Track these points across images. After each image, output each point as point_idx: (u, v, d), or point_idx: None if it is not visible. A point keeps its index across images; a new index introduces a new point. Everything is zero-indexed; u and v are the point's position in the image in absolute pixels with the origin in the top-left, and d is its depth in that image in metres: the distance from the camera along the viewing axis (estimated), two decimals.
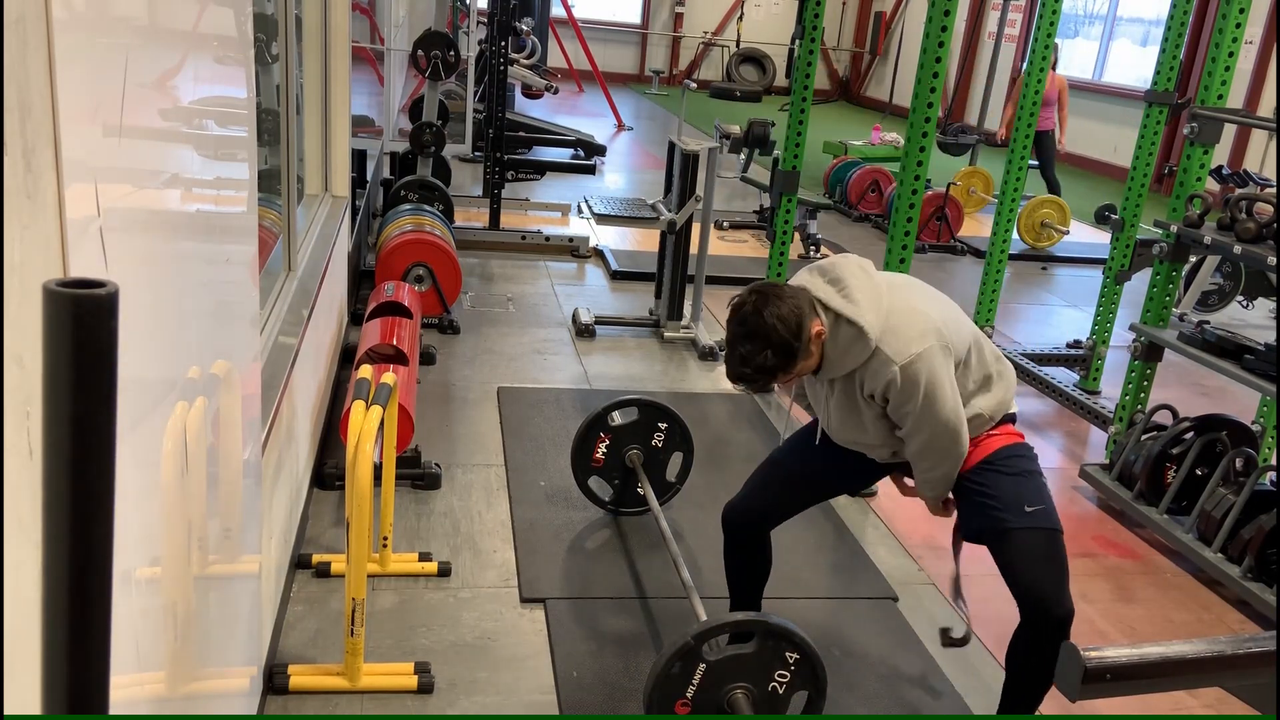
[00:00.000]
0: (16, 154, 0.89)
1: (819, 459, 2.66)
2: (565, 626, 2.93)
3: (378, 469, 2.92)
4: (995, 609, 3.29)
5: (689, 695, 2.31)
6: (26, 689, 0.79)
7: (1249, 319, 6.83)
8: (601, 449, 3.45)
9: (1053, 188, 9.09)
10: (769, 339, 2.23)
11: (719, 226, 7.69)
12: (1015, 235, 8.17)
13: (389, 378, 2.75)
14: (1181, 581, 3.59)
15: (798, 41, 4.57)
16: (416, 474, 3.62)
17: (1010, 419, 2.53)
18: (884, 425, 2.44)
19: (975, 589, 3.39)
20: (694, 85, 6.66)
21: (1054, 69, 8.75)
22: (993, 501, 2.41)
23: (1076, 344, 5.49)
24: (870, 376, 2.32)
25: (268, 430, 2.33)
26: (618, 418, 3.46)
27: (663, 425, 3.46)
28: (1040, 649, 2.36)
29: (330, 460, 3.60)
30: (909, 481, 2.68)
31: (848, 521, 3.71)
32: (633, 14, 18.52)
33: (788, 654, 2.34)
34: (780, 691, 2.36)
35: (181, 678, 1.53)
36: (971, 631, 2.80)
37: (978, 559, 3.61)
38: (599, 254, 6.95)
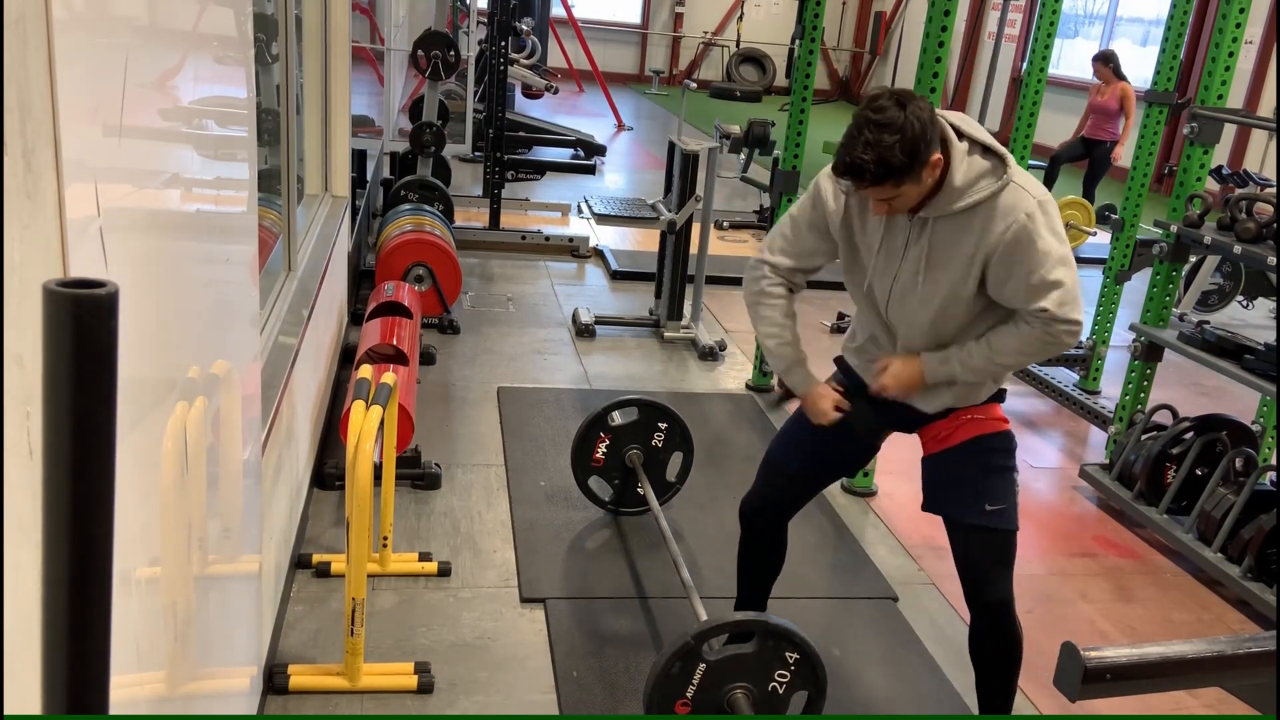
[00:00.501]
0: (16, 154, 0.89)
1: (819, 441, 2.56)
2: (565, 626, 2.93)
3: (378, 469, 2.92)
4: None
5: (689, 695, 2.31)
6: (26, 689, 0.79)
7: (1249, 319, 6.83)
8: (601, 449, 3.45)
9: (1088, 196, 8.91)
10: (905, 133, 1.99)
11: (719, 226, 7.69)
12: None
13: (389, 378, 2.75)
14: (1181, 581, 3.59)
15: (798, 41, 4.57)
16: (416, 474, 3.62)
17: (1001, 395, 2.44)
18: (965, 304, 2.20)
19: None
20: (694, 85, 6.66)
21: (1115, 76, 8.60)
22: (957, 491, 2.37)
23: (1076, 344, 5.49)
24: (1000, 215, 2.07)
25: (268, 430, 2.33)
26: (618, 418, 3.46)
27: (663, 425, 3.46)
28: (988, 636, 2.41)
29: (330, 460, 3.60)
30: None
31: (848, 521, 3.71)
32: (633, 14, 18.52)
33: (788, 654, 2.34)
34: (780, 691, 2.36)
35: (181, 678, 1.53)
36: None
37: None
38: (599, 254, 6.95)
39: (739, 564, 2.74)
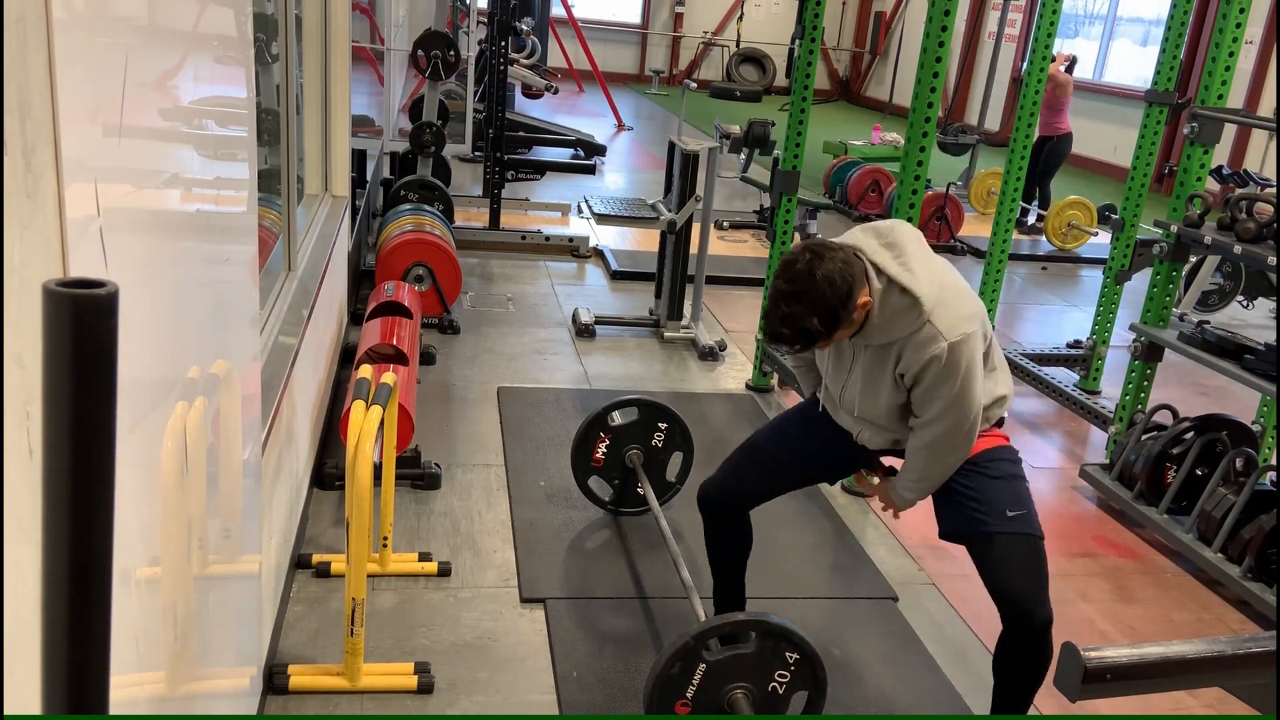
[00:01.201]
0: (16, 154, 0.89)
1: (801, 444, 2.65)
2: (565, 626, 2.93)
3: (378, 469, 2.93)
4: (995, 610, 3.29)
5: (689, 695, 2.31)
6: (26, 689, 0.79)
7: (1249, 319, 6.83)
8: (601, 449, 3.45)
9: (1035, 196, 8.84)
10: (816, 303, 2.13)
11: (719, 226, 7.70)
12: (1016, 238, 8.20)
13: (389, 378, 2.75)
14: (1181, 581, 3.59)
15: (798, 41, 4.57)
16: (416, 474, 3.62)
17: (1000, 421, 2.50)
18: (899, 409, 2.39)
19: (976, 589, 3.39)
20: (694, 85, 6.66)
21: (1062, 66, 8.64)
22: (974, 504, 2.37)
23: (1076, 344, 5.49)
24: (912, 349, 2.22)
25: (268, 430, 2.33)
26: (618, 418, 3.46)
27: (663, 425, 3.46)
28: (1023, 654, 2.35)
29: (330, 460, 3.60)
30: (875, 480, 2.65)
31: (848, 521, 3.71)
32: (633, 14, 18.52)
33: (787, 654, 2.34)
34: (780, 691, 2.36)
35: (181, 678, 1.53)
36: None
37: None
38: (599, 254, 6.95)
39: (709, 553, 2.78)
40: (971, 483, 2.38)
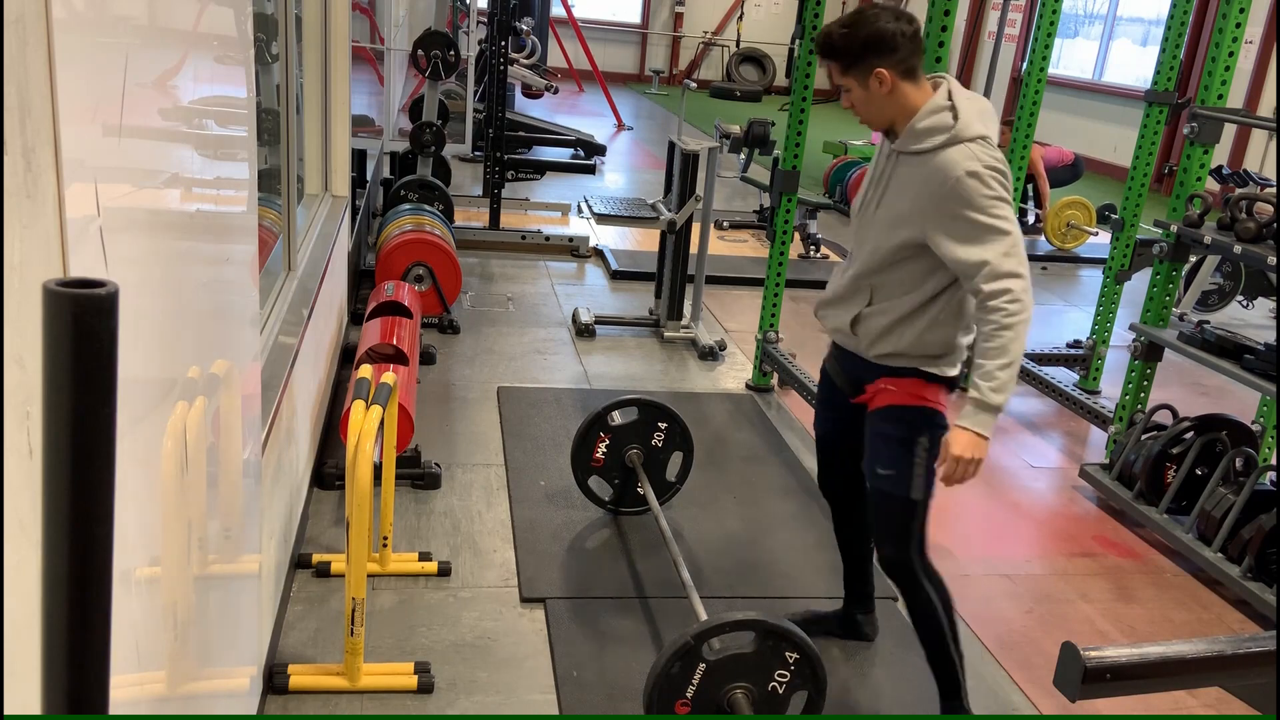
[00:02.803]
0: (16, 154, 0.89)
1: (822, 429, 2.86)
2: (565, 626, 2.93)
3: (378, 469, 2.93)
4: (995, 609, 3.30)
5: (689, 695, 2.31)
6: (26, 689, 0.79)
7: (1249, 319, 6.83)
8: (601, 449, 3.45)
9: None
10: (860, 30, 2.38)
11: (719, 226, 7.69)
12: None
13: (389, 377, 2.75)
14: (1181, 581, 3.59)
15: (798, 41, 4.58)
16: (416, 474, 3.62)
17: (949, 383, 2.49)
18: (903, 250, 2.39)
19: (976, 589, 3.39)
20: (694, 85, 6.65)
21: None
22: (866, 451, 2.57)
23: (1076, 344, 5.49)
24: (941, 168, 2.30)
25: (268, 430, 2.33)
26: (618, 417, 3.46)
27: (663, 425, 3.46)
28: (905, 595, 2.58)
29: (330, 460, 3.60)
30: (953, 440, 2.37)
31: None
32: (633, 14, 18.51)
33: (788, 654, 2.34)
34: (780, 691, 2.36)
35: (181, 678, 1.53)
36: None
37: (977, 559, 3.62)
38: (599, 254, 6.95)
39: (838, 540, 3.01)
40: (871, 431, 2.54)
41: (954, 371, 2.50)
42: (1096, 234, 8.06)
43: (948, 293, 2.41)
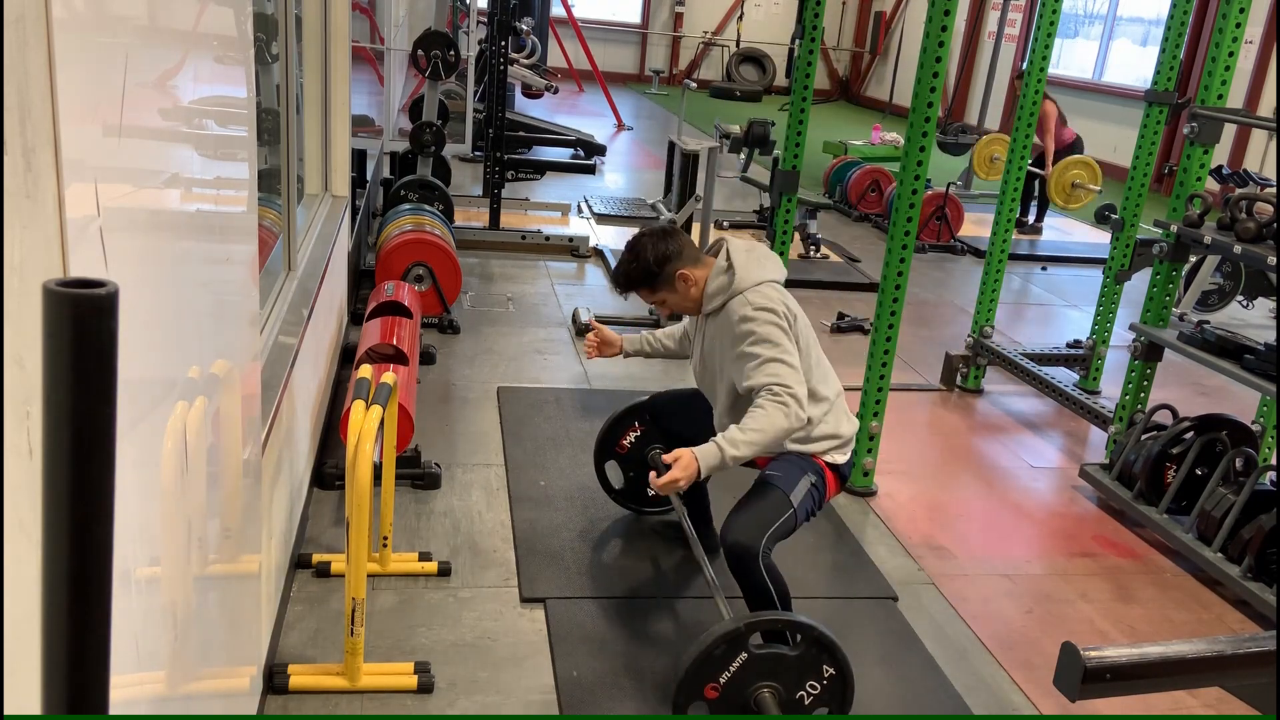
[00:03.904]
0: (16, 154, 0.89)
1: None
2: (565, 626, 2.93)
3: (378, 469, 2.92)
4: (995, 608, 3.30)
5: (721, 680, 2.31)
6: (26, 689, 0.79)
7: (1249, 319, 6.83)
8: (631, 437, 3.43)
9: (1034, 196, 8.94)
10: (639, 261, 2.84)
11: (719, 226, 7.69)
12: (1016, 238, 8.16)
13: (389, 377, 2.75)
14: (1181, 581, 3.59)
15: (798, 41, 4.57)
16: (416, 474, 3.61)
17: (839, 475, 2.80)
18: (732, 368, 2.73)
19: (976, 589, 3.39)
20: (694, 85, 6.66)
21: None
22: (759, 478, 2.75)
23: (1076, 344, 5.49)
24: (729, 315, 2.72)
25: (268, 430, 2.33)
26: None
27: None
28: (741, 580, 2.60)
29: (330, 460, 3.60)
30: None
31: (848, 521, 3.71)
32: (633, 14, 18.52)
33: (825, 667, 2.34)
34: (806, 702, 2.36)
35: (181, 678, 1.53)
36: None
37: (977, 559, 3.62)
38: (599, 254, 6.95)
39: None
40: (766, 469, 2.75)
41: (844, 458, 2.80)
42: (1100, 191, 8.02)
43: (815, 404, 2.72)
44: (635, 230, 3.01)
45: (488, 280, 6.21)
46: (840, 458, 2.79)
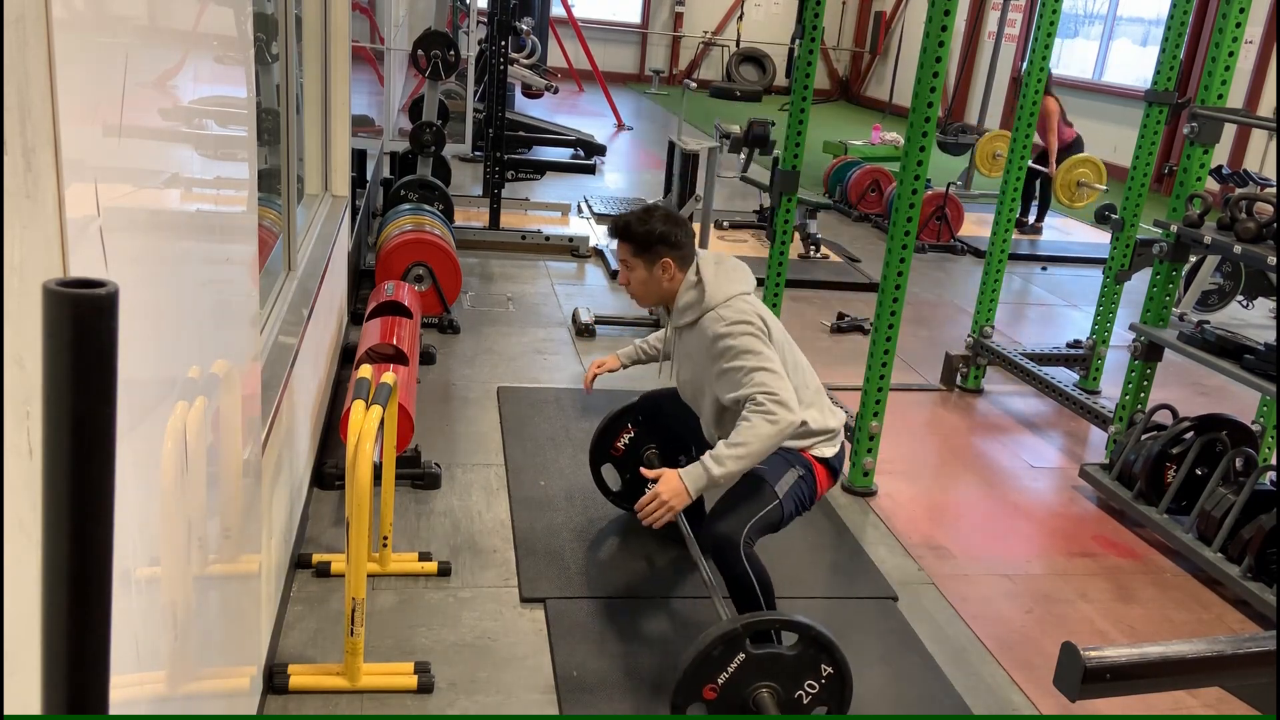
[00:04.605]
0: (16, 154, 0.89)
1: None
2: (565, 626, 2.93)
3: (378, 469, 2.92)
4: (995, 609, 3.30)
5: (719, 681, 2.32)
6: (26, 689, 0.79)
7: (1249, 319, 6.83)
8: (625, 439, 3.43)
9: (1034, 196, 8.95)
10: (646, 225, 2.84)
11: (719, 226, 7.69)
12: (1016, 238, 8.16)
13: (389, 377, 2.75)
14: (1181, 581, 3.59)
15: (798, 41, 4.57)
16: (416, 474, 3.61)
17: (829, 468, 2.81)
18: (715, 384, 2.76)
19: (975, 589, 3.39)
20: (694, 85, 6.66)
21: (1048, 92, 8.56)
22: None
23: (1076, 344, 5.49)
24: (704, 331, 2.75)
25: (268, 430, 2.33)
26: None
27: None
28: (724, 571, 2.64)
29: (330, 460, 3.60)
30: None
31: (848, 521, 3.71)
32: (633, 14, 18.51)
33: (823, 666, 2.35)
34: (805, 701, 2.36)
35: (181, 678, 1.53)
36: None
37: (977, 559, 3.62)
38: (599, 254, 6.95)
39: None
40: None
41: (831, 451, 2.82)
42: (1106, 189, 8.02)
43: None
44: None
45: (488, 280, 6.21)
46: (829, 450, 2.82)
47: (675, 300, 2.86)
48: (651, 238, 2.83)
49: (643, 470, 2.80)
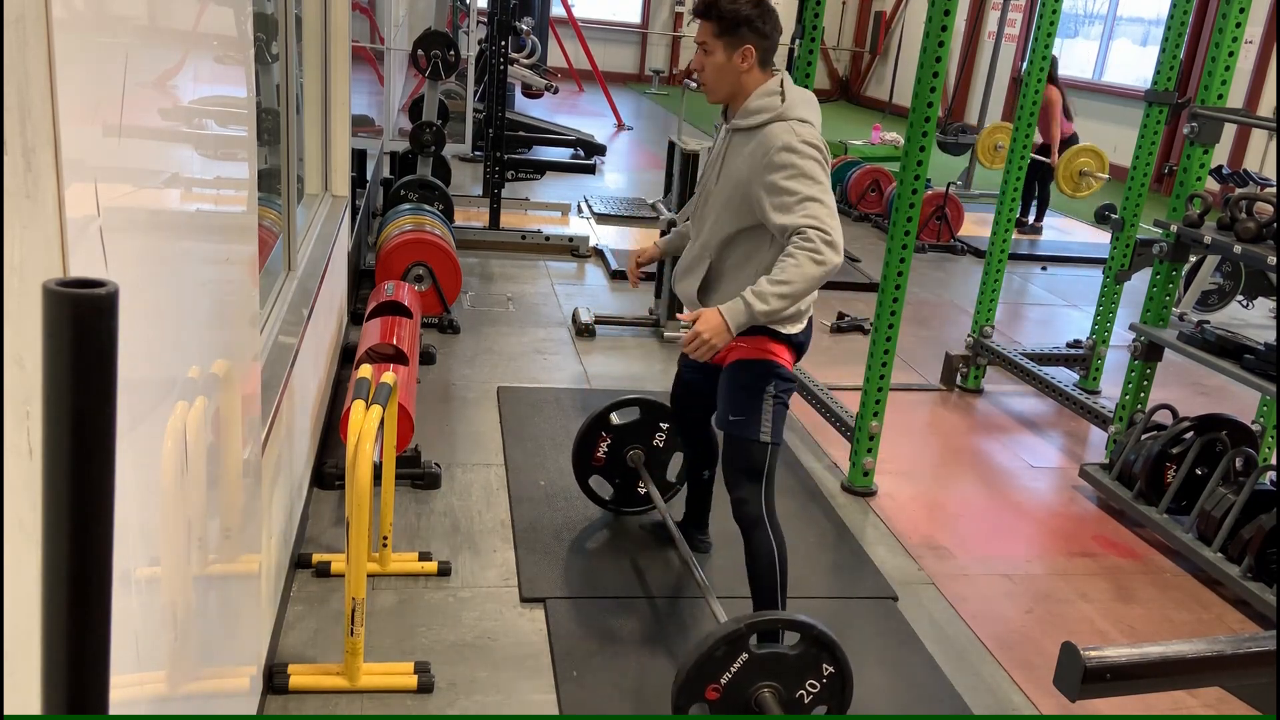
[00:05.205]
0: (16, 154, 0.89)
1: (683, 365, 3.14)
2: (565, 626, 2.93)
3: (378, 468, 2.92)
4: (995, 608, 3.30)
5: (722, 681, 2.32)
6: (26, 689, 0.79)
7: (1249, 319, 6.83)
8: (603, 448, 3.45)
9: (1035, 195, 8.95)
10: (734, 1, 2.61)
11: None
12: (1016, 238, 8.15)
13: (389, 377, 2.75)
14: (1181, 581, 3.59)
15: (798, 41, 4.57)
16: (416, 473, 3.61)
17: (792, 341, 2.70)
18: (754, 193, 2.59)
19: (975, 588, 3.39)
20: (694, 85, 6.66)
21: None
22: (719, 403, 2.77)
23: (1076, 344, 5.49)
24: (767, 140, 2.57)
25: (268, 430, 2.33)
26: (618, 418, 3.46)
27: (664, 425, 3.46)
28: (746, 543, 2.71)
29: (330, 460, 3.60)
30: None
31: (848, 521, 3.71)
32: (633, 14, 18.51)
33: (825, 665, 2.35)
34: (806, 700, 2.36)
35: (181, 678, 1.53)
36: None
37: (977, 559, 3.62)
38: (599, 254, 6.95)
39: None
40: (724, 383, 2.75)
41: (798, 328, 2.71)
42: (1108, 179, 8.02)
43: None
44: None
45: (488, 280, 6.21)
46: (795, 327, 2.69)
47: (746, 98, 2.65)
48: (738, 19, 2.60)
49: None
